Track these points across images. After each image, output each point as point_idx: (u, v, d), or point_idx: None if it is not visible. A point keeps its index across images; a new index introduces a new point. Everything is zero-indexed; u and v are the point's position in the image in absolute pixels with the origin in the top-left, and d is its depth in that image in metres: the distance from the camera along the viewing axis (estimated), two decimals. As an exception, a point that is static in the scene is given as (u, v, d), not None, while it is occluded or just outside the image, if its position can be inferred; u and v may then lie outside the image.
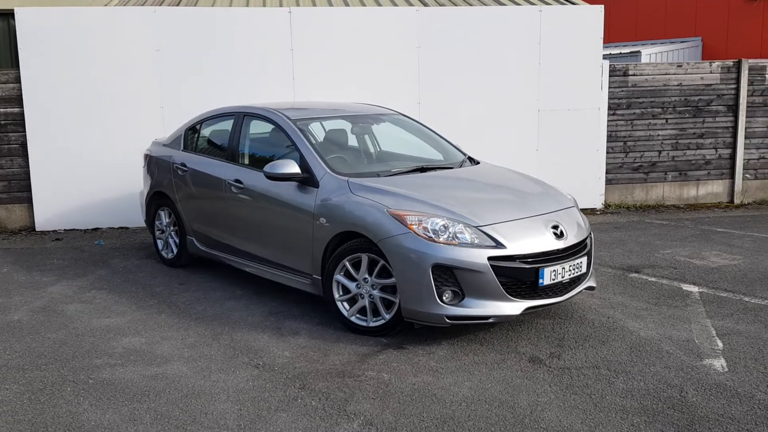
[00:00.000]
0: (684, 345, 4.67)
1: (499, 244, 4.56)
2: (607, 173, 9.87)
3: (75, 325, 5.23)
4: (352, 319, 4.96)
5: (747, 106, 10.02)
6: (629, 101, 9.85)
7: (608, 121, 9.77)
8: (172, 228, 6.85)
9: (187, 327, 5.17)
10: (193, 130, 6.80)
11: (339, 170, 5.31)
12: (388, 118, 6.45)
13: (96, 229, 8.69)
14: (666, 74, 9.87)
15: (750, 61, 10.01)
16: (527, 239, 4.66)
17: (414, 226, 4.59)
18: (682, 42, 18.05)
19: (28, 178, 8.59)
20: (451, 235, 4.55)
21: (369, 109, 6.62)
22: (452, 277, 4.51)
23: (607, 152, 9.84)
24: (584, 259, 4.96)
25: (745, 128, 10.08)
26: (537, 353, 4.56)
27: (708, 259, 6.93)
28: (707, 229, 8.42)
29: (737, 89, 9.98)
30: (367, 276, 4.85)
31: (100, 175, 8.59)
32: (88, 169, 8.57)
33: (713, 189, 10.22)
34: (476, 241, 4.55)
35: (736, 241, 7.72)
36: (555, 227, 4.82)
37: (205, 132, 6.69)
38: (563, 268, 4.74)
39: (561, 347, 4.66)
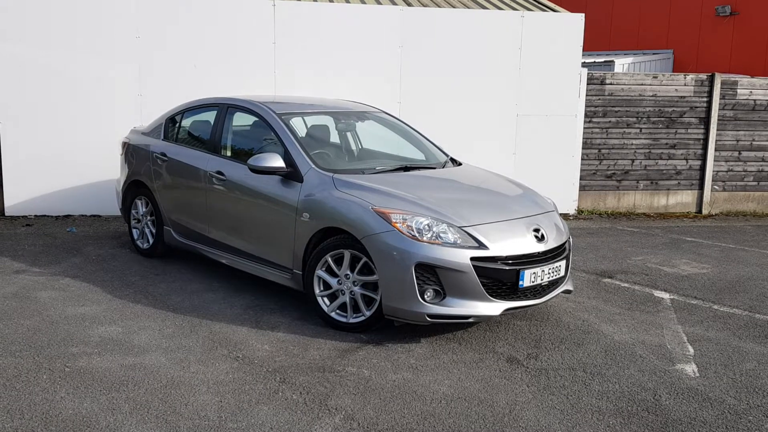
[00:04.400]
0: (657, 350, 4.78)
1: (481, 245, 4.61)
2: (580, 179, 10.02)
3: (49, 313, 5.15)
4: (332, 314, 4.97)
5: (718, 120, 10.25)
6: (605, 109, 10.01)
7: (584, 128, 9.92)
8: (148, 218, 6.78)
9: (165, 317, 5.13)
10: (174, 119, 6.74)
11: (323, 166, 5.32)
12: (372, 116, 6.47)
13: (68, 216, 8.56)
14: (642, 85, 10.06)
15: (723, 75, 10.25)
16: (509, 241, 4.73)
17: (398, 224, 4.62)
18: (654, 54, 18.40)
19: None
20: (434, 235, 4.59)
21: (353, 105, 6.64)
22: (434, 276, 4.55)
23: (582, 159, 9.99)
24: (563, 263, 5.04)
25: (716, 141, 10.31)
26: (515, 354, 4.63)
27: (678, 267, 7.08)
28: (677, 238, 8.60)
29: (709, 102, 10.21)
30: (348, 272, 4.87)
31: (73, 162, 8.46)
32: (60, 155, 8.43)
33: (683, 199, 10.44)
34: (459, 242, 4.60)
35: (705, 251, 7.90)
36: (536, 230, 4.89)
37: (187, 122, 6.64)
38: (543, 270, 4.82)
39: (538, 348, 4.73)
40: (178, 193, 6.38)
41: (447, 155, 6.22)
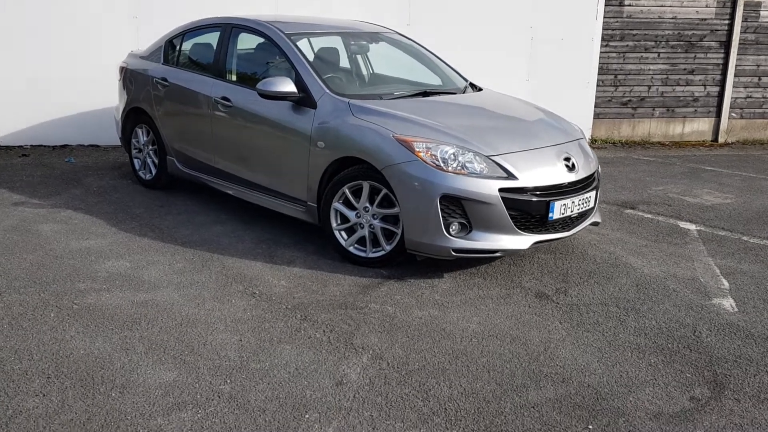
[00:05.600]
0: (690, 283, 4.58)
1: (510, 175, 4.34)
2: (595, 107, 9.67)
3: (52, 246, 4.91)
4: (351, 249, 4.74)
5: (739, 44, 9.83)
6: (623, 33, 9.57)
7: (600, 52, 9.50)
8: (150, 147, 6.47)
9: (174, 252, 4.89)
10: (174, 42, 6.34)
11: (338, 91, 4.98)
12: (385, 38, 6.08)
13: (65, 146, 8.22)
14: (662, 6, 9.59)
15: (746, -4, 9.77)
16: (538, 170, 4.45)
17: (422, 153, 4.34)
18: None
19: (-9, 89, 8.04)
20: (460, 164, 4.31)
21: (365, 26, 6.24)
22: (460, 209, 4.29)
23: (597, 85, 9.61)
24: (593, 194, 4.79)
25: (736, 66, 9.92)
26: (542, 289, 4.43)
27: (701, 197, 6.84)
28: (695, 167, 8.34)
29: (731, 25, 9.77)
30: (367, 205, 4.61)
31: (68, 89, 8.06)
32: (54, 82, 8.03)
33: (698, 127, 10.12)
34: (486, 172, 4.32)
35: (726, 180, 7.65)
36: (567, 159, 4.61)
37: (188, 45, 6.24)
38: (573, 202, 4.56)
39: (566, 283, 4.53)
40: (180, 121, 6.05)
41: (466, 80, 5.88)
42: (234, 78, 5.64)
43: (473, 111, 5.21)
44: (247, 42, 5.75)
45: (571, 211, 4.57)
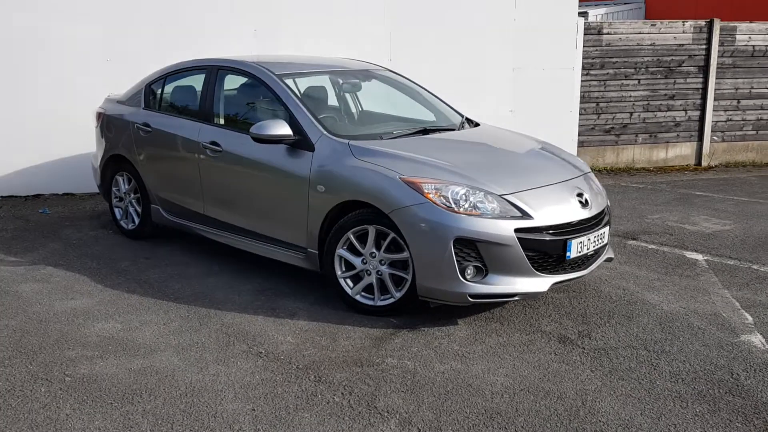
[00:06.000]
0: (713, 319, 4.40)
1: (525, 214, 4.14)
2: (579, 135, 9.59)
3: (35, 309, 4.56)
4: (357, 297, 4.47)
5: (717, 67, 9.88)
6: (603, 61, 9.56)
7: (581, 81, 9.46)
8: (132, 195, 6.15)
9: (167, 309, 4.58)
10: (155, 85, 6.07)
11: (335, 132, 4.76)
12: (376, 75, 5.89)
13: (38, 196, 7.84)
14: (639, 33, 9.61)
15: (722, 21, 9.84)
16: (553, 208, 4.26)
17: (431, 195, 4.12)
18: (625, 3, 17.95)
19: (-43, 139, 7.65)
20: (471, 205, 4.10)
21: (354, 63, 6.05)
22: (475, 252, 4.06)
23: (580, 113, 9.55)
24: (606, 229, 4.61)
25: (715, 90, 9.95)
26: (564, 332, 4.20)
27: (700, 225, 6.73)
28: (686, 193, 8.26)
29: (708, 50, 9.82)
30: (374, 250, 4.36)
31: (40, 135, 7.71)
32: (25, 128, 7.68)
33: (681, 151, 10.11)
34: (500, 212, 4.11)
35: (720, 206, 7.57)
36: (580, 195, 4.43)
37: (170, 88, 5.98)
38: (588, 239, 4.38)
39: (587, 325, 4.31)
40: (166, 168, 5.76)
41: (462, 115, 5.70)
42: (222, 121, 5.39)
43: (476, 148, 5.02)
44: (233, 84, 5.51)
45: (587, 249, 4.38)
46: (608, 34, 9.50)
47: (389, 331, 4.22)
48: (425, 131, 5.10)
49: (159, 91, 6.01)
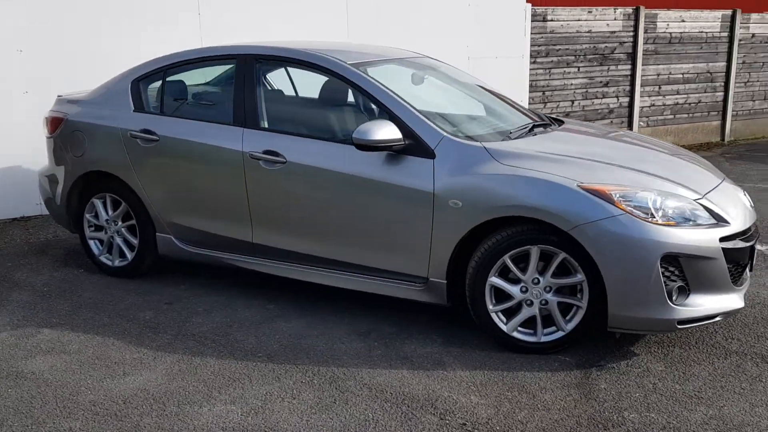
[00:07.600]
0: None
1: (721, 220, 3.58)
2: (527, 125, 9.28)
3: (83, 399, 3.22)
4: (514, 334, 3.67)
5: (643, 54, 10.05)
6: (548, 48, 9.32)
7: (530, 69, 9.15)
8: (122, 223, 4.78)
9: (274, 375, 3.46)
10: (147, 81, 4.73)
11: (459, 132, 3.89)
12: (436, 67, 5.02)
13: (-67, 229, 5.99)
14: (578, 20, 9.49)
15: (646, 9, 10.01)
16: (737, 210, 3.74)
17: (623, 204, 3.43)
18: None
19: None
20: (673, 213, 3.48)
21: (410, 54, 5.06)
22: (678, 269, 3.45)
23: (529, 103, 9.24)
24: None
25: (641, 76, 10.13)
26: (760, 350, 3.72)
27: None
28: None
29: (635, 37, 9.95)
30: (537, 276, 3.58)
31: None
32: None
33: (614, 138, 10.18)
34: (701, 219, 3.53)
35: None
36: (744, 194, 3.98)
37: (177, 85, 4.68)
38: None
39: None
40: (184, 186, 4.50)
41: (536, 112, 5.00)
42: (277, 126, 4.26)
43: (616, 145, 4.37)
44: (280, 77, 4.40)
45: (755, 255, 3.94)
46: (552, 21, 9.27)
47: (578, 373, 3.48)
48: (531, 129, 4.35)
49: (158, 88, 4.68)
